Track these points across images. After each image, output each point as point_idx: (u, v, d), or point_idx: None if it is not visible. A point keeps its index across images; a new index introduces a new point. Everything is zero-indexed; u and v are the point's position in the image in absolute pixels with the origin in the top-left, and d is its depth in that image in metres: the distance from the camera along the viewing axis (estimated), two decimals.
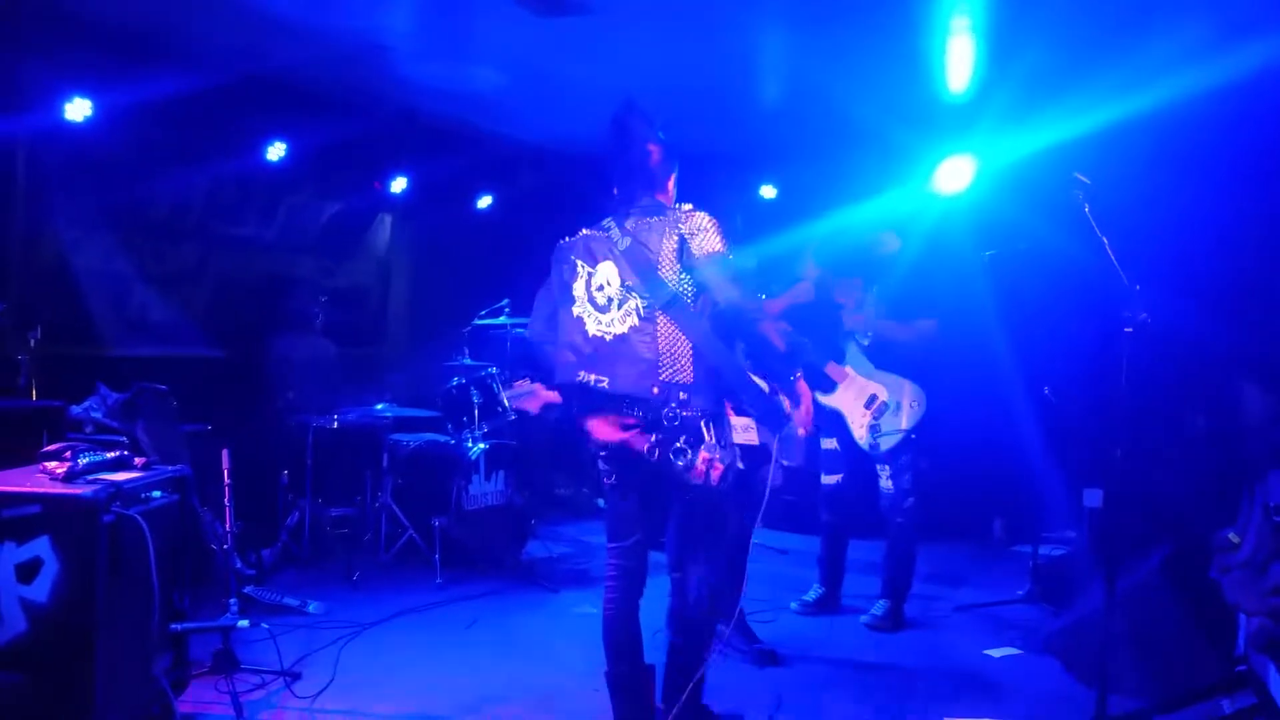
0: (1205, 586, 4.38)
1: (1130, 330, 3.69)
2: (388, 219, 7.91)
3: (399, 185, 7.23)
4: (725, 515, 3.39)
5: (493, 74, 6.10)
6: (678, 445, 3.14)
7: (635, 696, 3.35)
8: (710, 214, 3.28)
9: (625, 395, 3.19)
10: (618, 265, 3.28)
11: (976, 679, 4.47)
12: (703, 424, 3.16)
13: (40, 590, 3.15)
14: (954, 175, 5.99)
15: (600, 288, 3.31)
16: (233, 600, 3.95)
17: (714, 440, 3.15)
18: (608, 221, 3.41)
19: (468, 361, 6.35)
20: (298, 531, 5.88)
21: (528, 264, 7.95)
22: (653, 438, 3.17)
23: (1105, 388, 4.13)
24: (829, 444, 5.31)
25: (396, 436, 6.24)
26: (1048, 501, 6.22)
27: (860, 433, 5.17)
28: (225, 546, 4.22)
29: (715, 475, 3.14)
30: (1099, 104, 5.42)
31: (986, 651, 4.80)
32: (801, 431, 3.76)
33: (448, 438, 6.17)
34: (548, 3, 4.81)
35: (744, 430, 3.45)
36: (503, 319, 6.49)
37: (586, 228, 3.47)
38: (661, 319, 3.19)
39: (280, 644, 4.17)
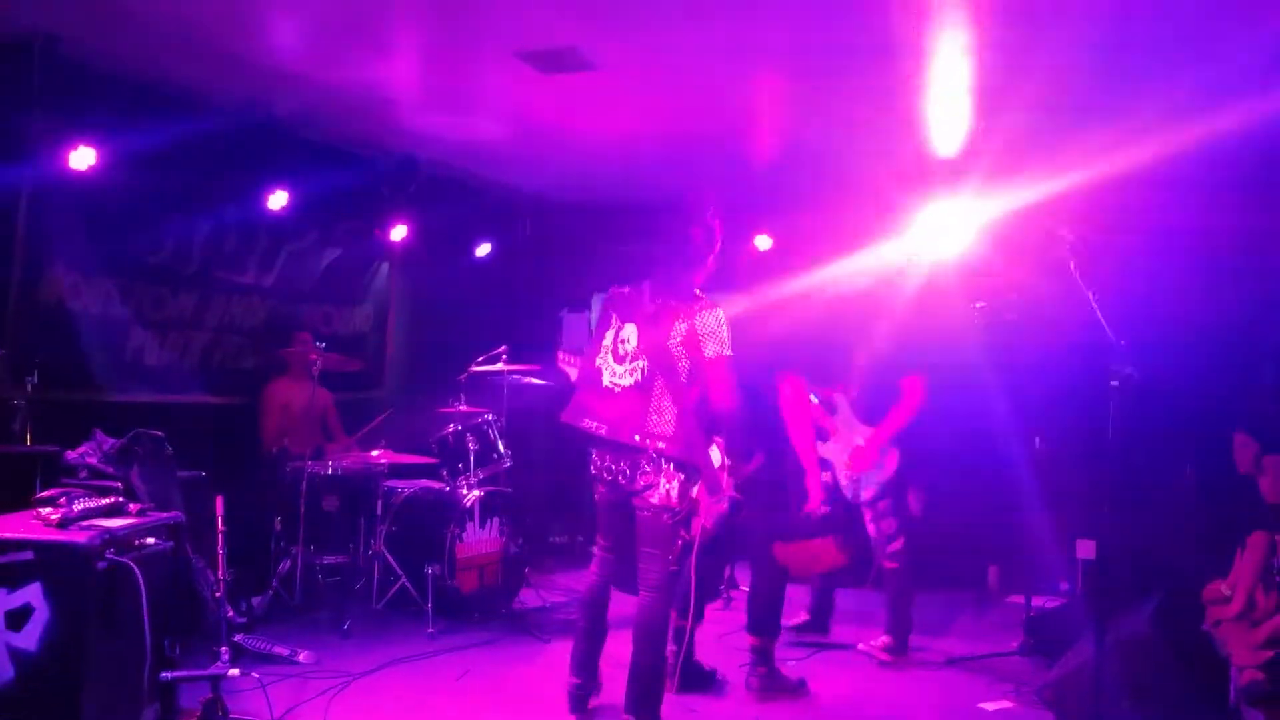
0: (1197, 638, 4.37)
1: (1116, 384, 3.74)
2: (386, 266, 7.97)
3: (399, 233, 7.27)
4: (669, 541, 3.92)
5: (494, 126, 6.19)
6: (647, 471, 3.85)
7: (587, 644, 4.21)
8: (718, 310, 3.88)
9: (616, 441, 3.89)
10: (639, 328, 3.93)
11: None
12: (670, 464, 3.83)
13: (29, 638, 3.15)
14: (947, 227, 6.07)
15: (623, 341, 3.97)
16: (223, 648, 3.94)
17: (675, 479, 3.83)
18: (645, 286, 4.03)
19: (464, 408, 6.36)
20: (289, 579, 5.84)
21: (525, 312, 8.10)
22: (626, 467, 3.89)
23: (1095, 440, 4.16)
24: (825, 476, 5.44)
25: (391, 483, 6.24)
26: (1042, 552, 6.22)
27: (844, 481, 5.39)
28: (217, 594, 4.21)
29: (672, 500, 3.82)
30: (1085, 160, 5.50)
31: (980, 704, 4.77)
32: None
33: (443, 484, 6.17)
34: (551, 60, 4.89)
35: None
36: (499, 366, 6.52)
37: (630, 285, 4.09)
38: (658, 382, 3.83)
39: (270, 694, 4.14)
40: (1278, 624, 4.01)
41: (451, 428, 6.17)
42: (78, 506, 3.45)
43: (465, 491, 6.01)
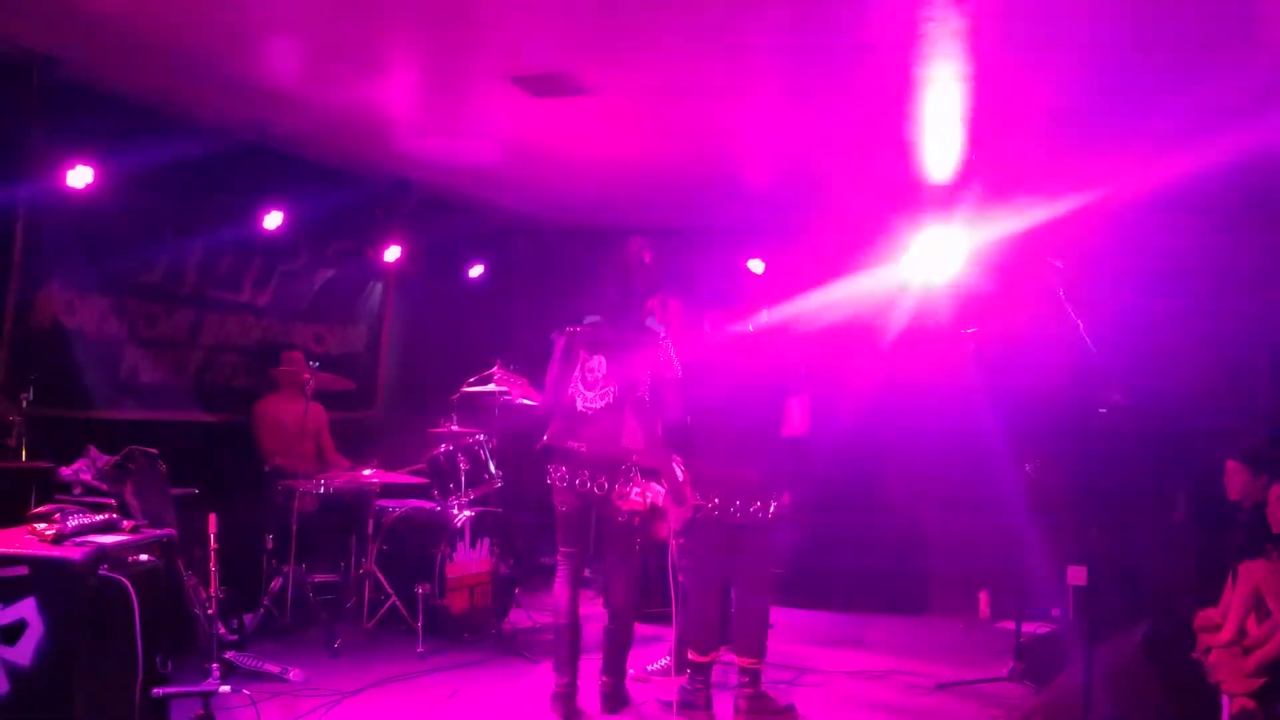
0: (1188, 665, 4.40)
1: (1104, 411, 3.77)
2: (380, 287, 8.00)
3: (392, 254, 7.29)
4: (635, 537, 4.68)
5: (488, 149, 6.23)
6: (619, 485, 4.50)
7: (569, 642, 4.61)
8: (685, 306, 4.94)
9: (597, 454, 4.50)
10: (606, 358, 4.57)
11: None
12: (639, 474, 4.53)
13: (23, 652, 3.15)
14: (938, 253, 6.11)
15: (593, 370, 4.60)
16: (214, 665, 3.93)
17: (644, 484, 4.53)
18: (604, 321, 4.67)
19: (456, 428, 6.36)
20: (280, 597, 5.83)
21: (517, 332, 8.12)
22: (604, 480, 4.50)
23: (1085, 466, 4.19)
24: None
25: (382, 502, 6.23)
26: (1034, 578, 6.23)
27: None
28: (209, 611, 4.21)
29: (645, 503, 4.52)
30: (1077, 186, 5.56)
31: None
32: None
33: (434, 504, 6.17)
34: (545, 85, 4.93)
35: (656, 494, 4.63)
36: (491, 386, 6.52)
37: (590, 322, 4.69)
38: (627, 402, 4.48)
39: (260, 711, 4.14)
40: (1269, 652, 4.04)
41: (443, 447, 6.17)
42: (72, 522, 3.46)
43: (456, 511, 6.01)
